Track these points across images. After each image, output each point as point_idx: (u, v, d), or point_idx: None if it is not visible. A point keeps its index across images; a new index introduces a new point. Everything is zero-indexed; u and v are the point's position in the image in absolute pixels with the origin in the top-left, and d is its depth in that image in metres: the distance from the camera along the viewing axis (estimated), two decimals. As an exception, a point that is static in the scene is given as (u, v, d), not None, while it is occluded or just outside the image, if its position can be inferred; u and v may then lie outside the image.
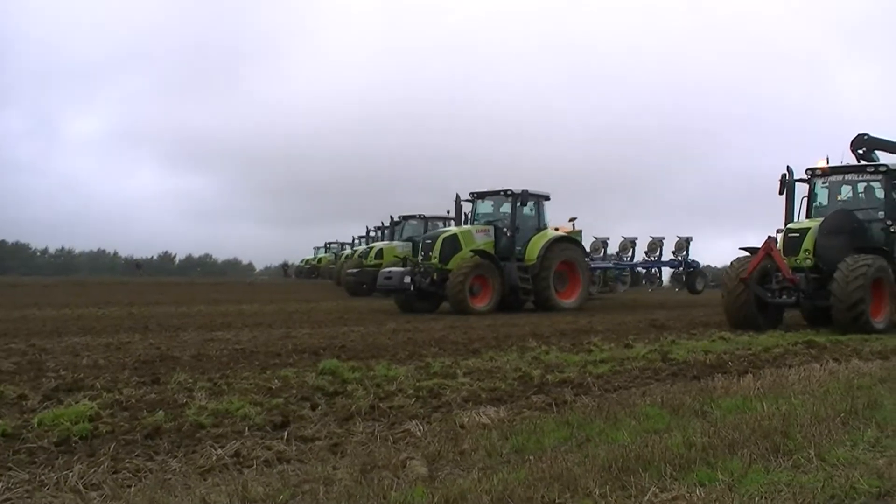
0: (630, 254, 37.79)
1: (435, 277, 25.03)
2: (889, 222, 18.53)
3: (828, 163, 19.73)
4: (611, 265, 36.57)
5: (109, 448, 6.33)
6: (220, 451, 6.26)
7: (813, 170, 19.63)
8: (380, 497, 5.06)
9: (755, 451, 6.11)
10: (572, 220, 30.21)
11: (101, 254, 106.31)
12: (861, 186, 19.53)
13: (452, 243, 25.57)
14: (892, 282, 17.60)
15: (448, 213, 35.06)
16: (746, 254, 18.77)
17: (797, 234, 18.34)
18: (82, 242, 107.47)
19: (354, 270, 37.72)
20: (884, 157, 20.23)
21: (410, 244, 35.81)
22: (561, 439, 6.63)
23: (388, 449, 6.37)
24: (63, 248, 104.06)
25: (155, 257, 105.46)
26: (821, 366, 11.21)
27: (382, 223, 42.57)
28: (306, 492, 5.27)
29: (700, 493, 5.18)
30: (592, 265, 33.57)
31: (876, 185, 19.10)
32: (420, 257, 26.24)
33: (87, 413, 7.38)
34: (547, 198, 27.89)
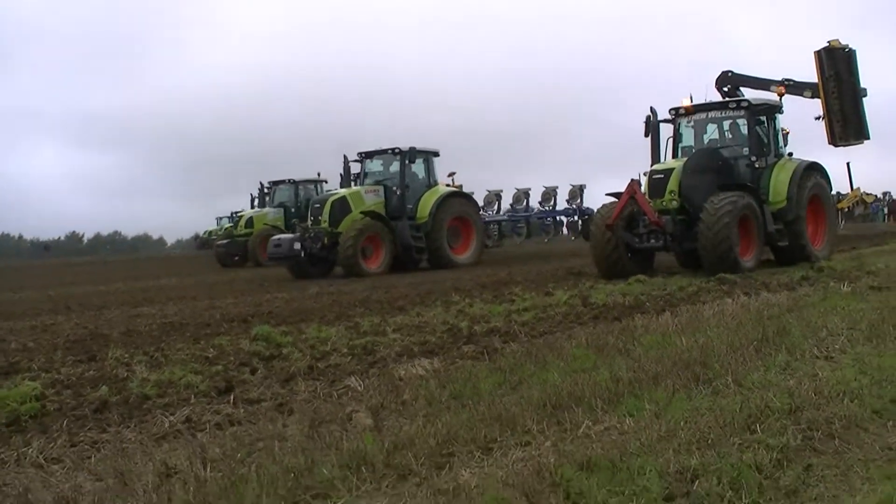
0: (524, 205, 38.29)
1: (326, 242, 24.76)
2: (754, 158, 18.35)
3: (691, 101, 19.43)
4: (504, 217, 37.14)
5: (62, 424, 6.48)
6: (171, 418, 6.48)
7: (676, 109, 19.32)
8: (332, 448, 5.35)
9: (677, 382, 6.55)
10: (451, 174, 29.84)
11: (4, 238, 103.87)
12: (726, 124, 19.40)
13: (342, 206, 25.10)
14: (760, 219, 17.35)
15: (319, 175, 36.15)
16: (614, 199, 18.15)
17: (661, 176, 17.77)
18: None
19: (224, 241, 37.33)
20: (750, 94, 20.46)
21: (282, 210, 36.18)
22: (495, 384, 6.97)
23: (333, 404, 6.66)
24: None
25: (62, 238, 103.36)
26: (732, 300, 11.80)
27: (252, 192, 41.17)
28: (261, 449, 5.53)
29: (630, 423, 5.60)
30: (486, 219, 34.18)
31: (740, 121, 18.98)
32: (309, 222, 25.69)
33: (32, 393, 7.47)
34: (436, 154, 27.67)
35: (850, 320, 9.22)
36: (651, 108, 19.07)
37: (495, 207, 37.67)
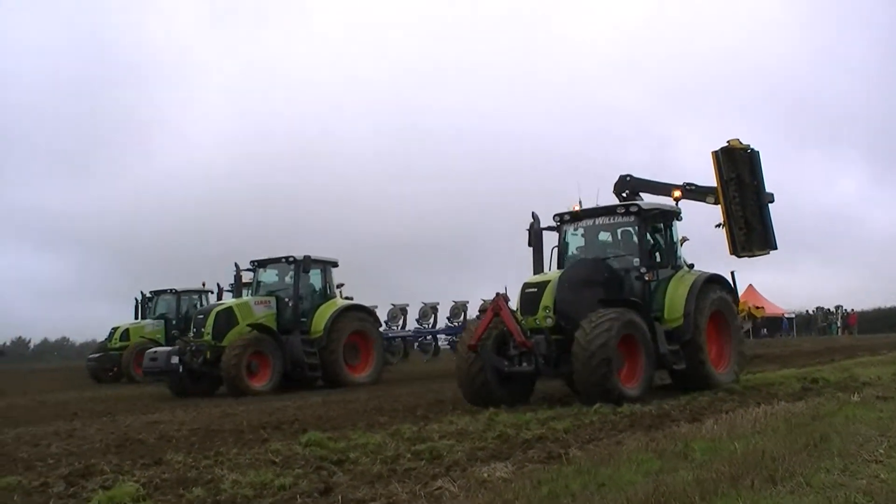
0: (431, 320, 36.86)
1: (208, 356, 22.89)
2: (644, 270, 16.17)
3: (580, 206, 17.48)
4: (410, 333, 35.79)
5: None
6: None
7: (560, 215, 17.39)
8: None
9: (756, 482, 7.17)
10: (339, 286, 27.40)
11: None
12: (615, 231, 17.31)
13: (227, 317, 23.49)
14: (648, 338, 14.99)
15: (203, 284, 34.06)
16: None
17: (535, 290, 15.57)
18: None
19: (96, 355, 35.25)
20: (651, 200, 18.46)
21: (163, 322, 34.24)
22: (582, 486, 7.53)
23: None
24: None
25: (8, 343, 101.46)
26: (751, 409, 12.48)
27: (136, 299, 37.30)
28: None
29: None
30: (390, 334, 33.00)
31: (630, 228, 16.83)
32: (192, 334, 24.04)
33: (138, 493, 7.94)
34: (335, 264, 26.12)
35: (877, 427, 9.96)
36: (533, 213, 17.43)
37: (400, 322, 35.86)
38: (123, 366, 32.59)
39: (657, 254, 17.08)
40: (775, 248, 20.36)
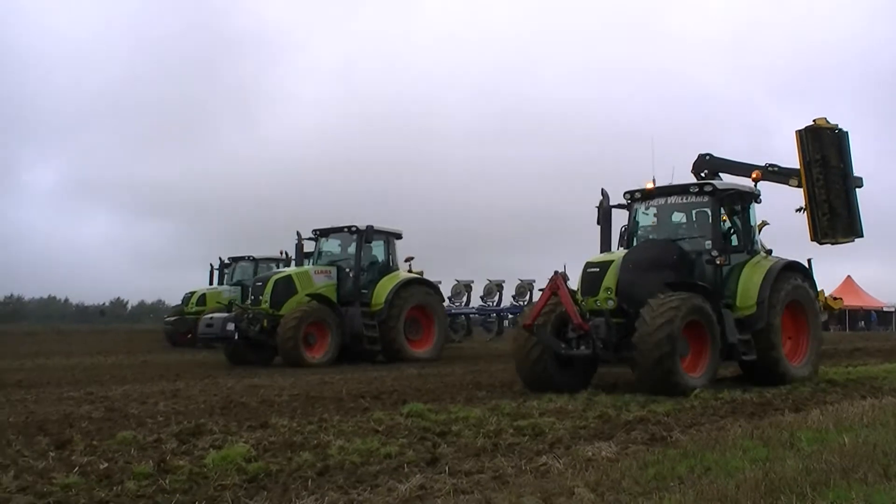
0: (496, 298, 34.82)
1: (265, 324, 22.45)
2: (715, 253, 15.16)
3: (654, 184, 16.42)
4: (473, 310, 34.68)
5: (296, 484, 7.11)
6: (402, 485, 7.03)
7: (632, 192, 16.44)
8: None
9: (869, 475, 7.05)
10: (408, 259, 26.88)
11: (51, 300, 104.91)
12: (688, 212, 16.43)
13: (286, 286, 23.10)
14: (717, 327, 14.09)
15: (281, 253, 32.68)
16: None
17: (597, 270, 14.63)
18: (32, 290, 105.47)
19: (173, 318, 35.41)
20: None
21: (239, 288, 33.50)
22: (688, 469, 7.51)
23: (550, 481, 7.21)
24: (12, 294, 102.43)
25: (107, 303, 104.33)
26: (857, 402, 12.26)
27: (212, 265, 37.30)
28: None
29: (846, 508, 6.12)
30: (453, 310, 32.12)
31: (703, 209, 15.92)
32: (250, 301, 23.82)
33: (248, 454, 8.15)
34: (398, 236, 25.44)
35: None
36: (602, 190, 16.49)
37: (464, 299, 34.44)
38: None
39: (732, 237, 16.00)
40: (861, 235, 19.52)
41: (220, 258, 36.66)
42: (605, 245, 16.24)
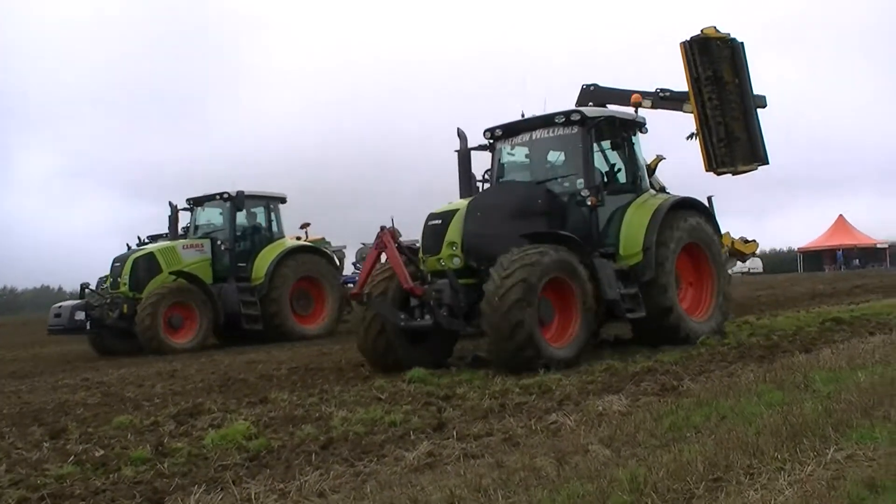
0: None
1: (125, 310, 19.94)
2: (586, 193, 12.66)
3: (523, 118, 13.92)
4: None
5: (300, 459, 6.85)
6: (409, 453, 6.76)
7: (492, 130, 13.82)
8: (601, 476, 5.62)
9: (892, 412, 6.81)
10: (304, 226, 24.90)
11: (44, 290, 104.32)
12: (557, 148, 13.74)
13: (148, 264, 20.59)
14: (585, 282, 11.68)
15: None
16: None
17: (439, 222, 12.31)
18: (25, 280, 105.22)
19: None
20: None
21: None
22: (704, 417, 7.25)
23: (562, 439, 6.97)
24: (5, 287, 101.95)
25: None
26: (866, 339, 12.07)
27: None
28: (521, 479, 5.80)
29: (871, 448, 5.87)
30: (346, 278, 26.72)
31: (573, 142, 13.17)
32: (108, 284, 21.35)
33: (249, 431, 7.89)
34: (282, 200, 22.96)
35: None
36: (458, 130, 13.64)
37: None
38: None
39: (618, 175, 13.83)
40: (766, 161, 17.28)
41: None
42: (466, 195, 13.61)
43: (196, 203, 22.36)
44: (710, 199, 14.83)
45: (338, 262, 26.41)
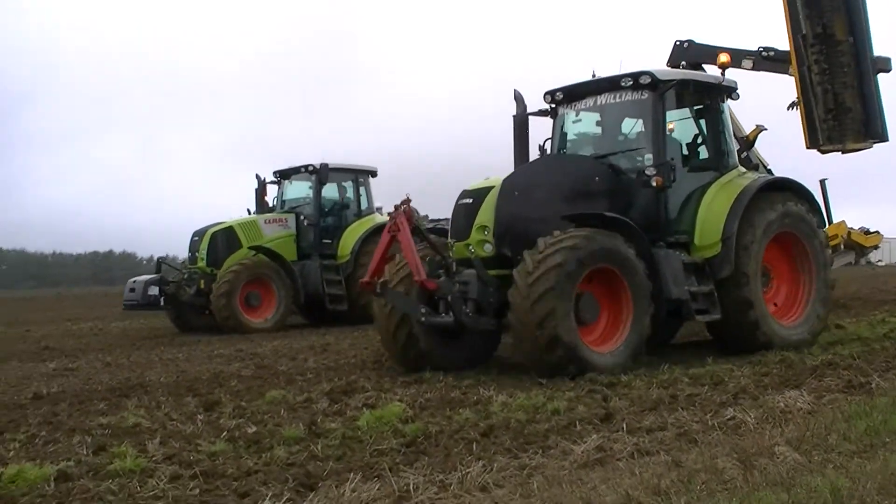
0: None
1: (202, 285, 19.07)
2: (652, 171, 10.66)
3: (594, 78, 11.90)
4: None
5: (459, 447, 6.45)
6: (577, 446, 6.28)
7: (552, 93, 11.92)
8: (796, 485, 5.04)
9: None
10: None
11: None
12: (624, 113, 11.69)
13: (227, 239, 19.70)
14: (641, 276, 9.90)
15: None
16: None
17: (469, 201, 10.58)
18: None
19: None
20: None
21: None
22: (903, 420, 6.57)
23: (745, 437, 6.39)
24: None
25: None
26: None
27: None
28: (704, 482, 5.27)
29: None
30: None
31: (639, 109, 11.29)
32: (187, 259, 20.63)
33: (403, 414, 7.56)
34: (372, 174, 21.59)
35: None
36: (516, 93, 11.88)
37: None
38: None
39: (695, 150, 11.85)
40: (885, 138, 14.53)
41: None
42: (521, 163, 11.88)
43: (283, 176, 21.41)
44: (822, 182, 13.35)
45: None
